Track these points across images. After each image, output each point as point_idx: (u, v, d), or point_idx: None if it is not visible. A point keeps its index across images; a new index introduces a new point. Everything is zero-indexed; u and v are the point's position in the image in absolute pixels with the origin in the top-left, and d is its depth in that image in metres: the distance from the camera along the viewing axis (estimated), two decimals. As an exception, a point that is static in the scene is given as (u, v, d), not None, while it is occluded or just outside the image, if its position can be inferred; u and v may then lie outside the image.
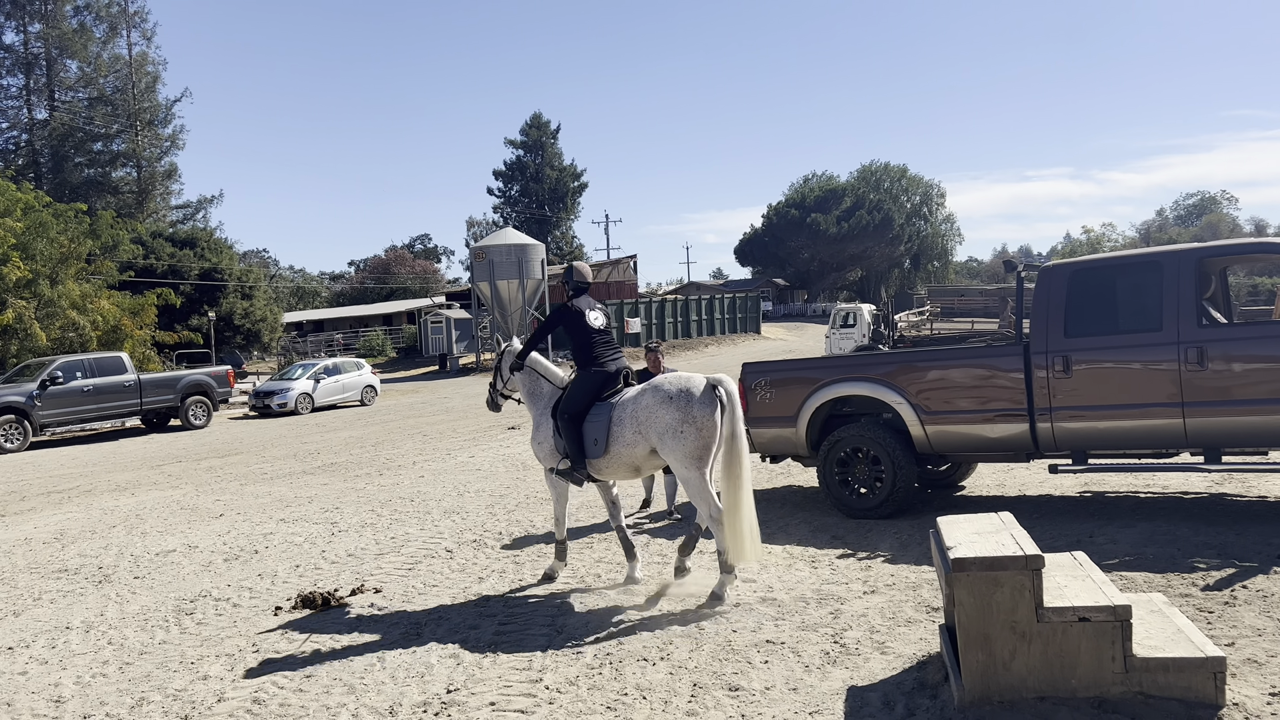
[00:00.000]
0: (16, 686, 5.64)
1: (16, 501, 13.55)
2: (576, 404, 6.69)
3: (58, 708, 5.26)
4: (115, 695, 5.38)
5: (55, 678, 5.75)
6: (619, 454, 6.52)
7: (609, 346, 6.89)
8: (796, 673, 4.98)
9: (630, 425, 6.46)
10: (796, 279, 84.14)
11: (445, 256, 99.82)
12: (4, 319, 24.46)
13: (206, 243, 46.11)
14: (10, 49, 54.90)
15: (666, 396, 6.33)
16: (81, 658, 6.09)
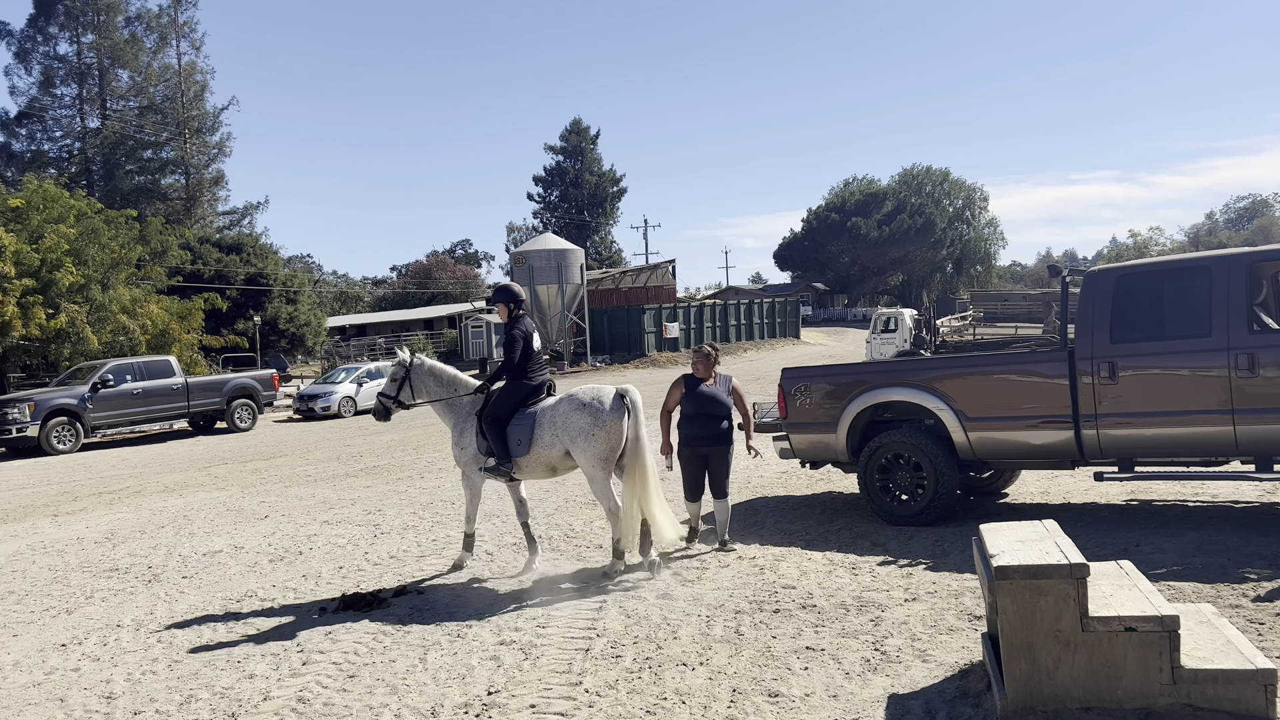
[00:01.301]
0: (70, 683, 5.78)
1: (69, 502, 13.86)
2: (502, 409, 7.47)
3: (109, 704, 5.38)
4: (165, 692, 5.49)
5: (107, 674, 5.88)
6: (539, 454, 7.37)
7: (538, 363, 7.73)
8: (837, 680, 4.96)
9: (549, 429, 7.32)
10: (836, 283, 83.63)
11: (485, 261, 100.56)
12: (57, 323, 25.02)
13: (252, 248, 46.86)
14: (64, 59, 56.25)
15: (581, 404, 7.25)
16: (132, 655, 6.22)
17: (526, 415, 7.44)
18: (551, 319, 41.45)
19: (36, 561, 9.47)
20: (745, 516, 9.26)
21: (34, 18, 55.47)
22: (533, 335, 7.69)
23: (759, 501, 10.08)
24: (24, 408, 20.98)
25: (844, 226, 77.47)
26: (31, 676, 5.94)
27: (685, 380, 8.00)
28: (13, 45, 55.64)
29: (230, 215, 61.70)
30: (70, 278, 25.30)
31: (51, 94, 56.39)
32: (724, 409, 7.87)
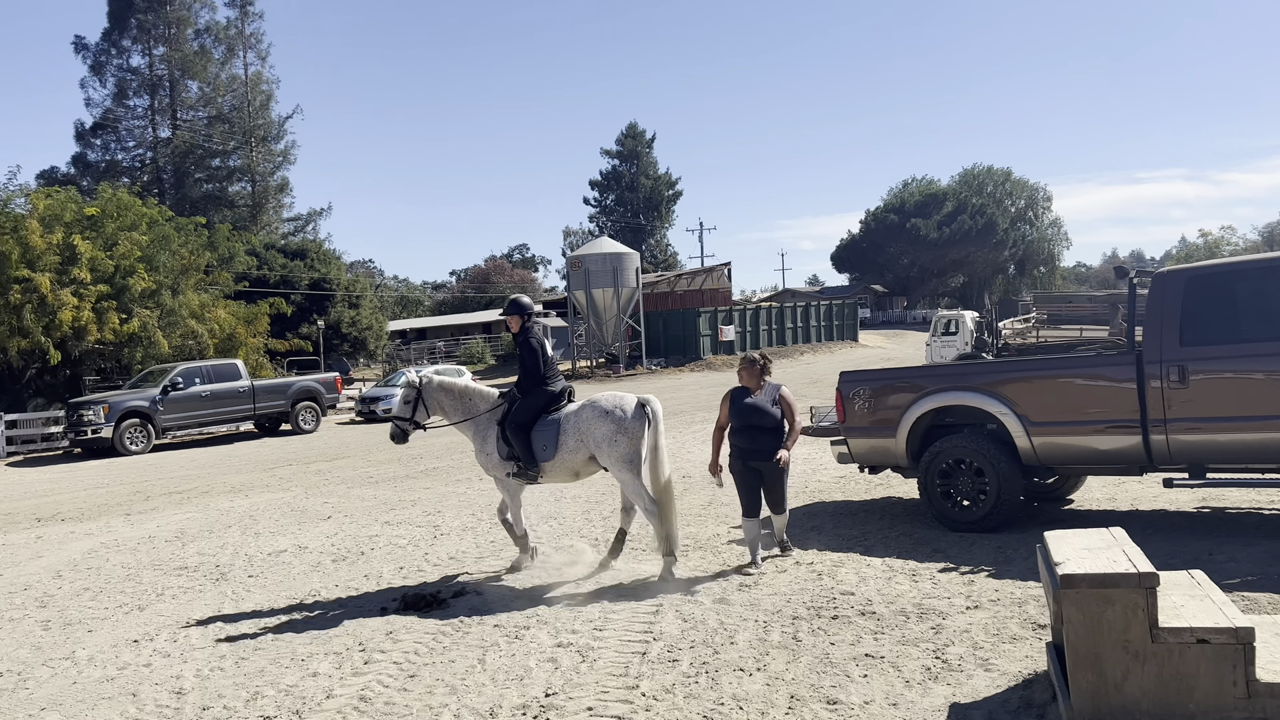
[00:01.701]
0: (141, 678, 5.95)
1: (141, 501, 14.26)
2: (526, 416, 7.70)
3: (179, 699, 5.52)
4: (232, 689, 5.62)
5: (176, 670, 6.03)
6: (564, 459, 7.62)
7: (554, 370, 7.97)
8: (897, 688, 4.90)
9: (574, 435, 7.58)
10: (895, 285, 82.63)
11: (542, 266, 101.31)
12: (130, 327, 25.78)
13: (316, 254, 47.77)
14: (137, 71, 58.02)
15: (604, 411, 7.53)
16: (200, 652, 6.38)
17: (551, 421, 7.67)
18: (607, 322, 41.58)
19: (110, 559, 9.76)
20: (802, 521, 9.20)
21: (108, 31, 57.32)
22: (545, 343, 7.95)
23: (816, 506, 10.00)
24: (99, 409, 21.67)
25: (903, 227, 76.54)
26: (105, 671, 6.12)
27: (733, 393, 7.64)
28: (88, 58, 57.55)
29: (294, 221, 63.03)
30: (142, 283, 26.05)
31: (125, 105, 58.19)
32: (771, 420, 7.47)
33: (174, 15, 56.97)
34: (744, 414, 7.52)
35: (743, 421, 7.51)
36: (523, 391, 7.79)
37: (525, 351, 7.83)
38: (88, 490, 16.20)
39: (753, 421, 7.47)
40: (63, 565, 9.60)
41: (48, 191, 27.80)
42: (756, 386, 7.59)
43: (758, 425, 7.46)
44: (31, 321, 23.65)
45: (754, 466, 7.49)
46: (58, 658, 6.47)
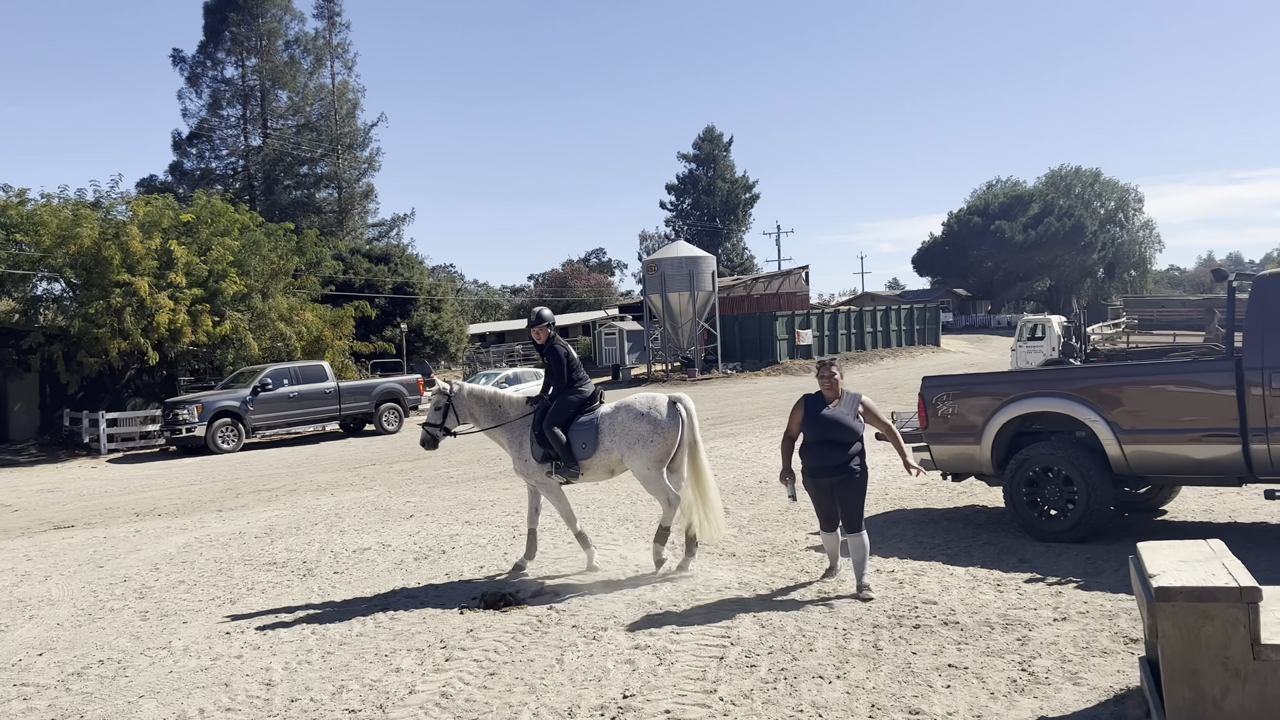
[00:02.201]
0: (233, 669, 6.14)
1: (232, 498, 14.74)
2: (563, 418, 7.93)
3: (269, 690, 5.69)
4: (318, 681, 5.77)
5: (266, 662, 6.22)
6: (601, 458, 7.89)
7: (582, 374, 8.19)
8: (981, 699, 4.79)
9: (609, 435, 7.85)
10: (979, 289, 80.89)
11: (619, 270, 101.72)
12: (222, 329, 26.66)
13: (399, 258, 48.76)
14: (230, 82, 60.00)
15: (640, 413, 7.81)
16: (289, 645, 6.56)
17: (588, 422, 7.95)
18: (682, 326, 41.56)
19: (203, 554, 10.10)
20: (883, 529, 9.06)
21: (204, 44, 59.43)
22: (571, 350, 8.26)
23: (897, 514, 9.84)
24: (192, 409, 22.47)
25: (987, 230, 74.91)
26: (199, 661, 6.34)
27: (806, 401, 6.97)
28: (185, 71, 59.71)
29: (379, 227, 64.43)
30: (234, 287, 26.90)
31: (219, 115, 60.21)
32: (849, 434, 6.75)
33: (265, 27, 58.77)
34: (822, 427, 6.80)
35: (820, 435, 6.80)
36: (555, 396, 8.05)
37: (553, 359, 8.14)
38: (182, 487, 16.80)
39: (831, 436, 6.76)
40: (159, 559, 9.97)
41: (147, 199, 28.90)
42: (836, 396, 6.89)
43: (834, 440, 6.74)
44: (131, 324, 24.61)
45: (824, 484, 6.81)
46: (155, 647, 6.72)
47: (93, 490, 17.45)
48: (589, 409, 8.07)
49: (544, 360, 8.28)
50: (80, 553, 10.60)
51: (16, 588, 8.95)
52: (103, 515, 13.76)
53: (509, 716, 4.99)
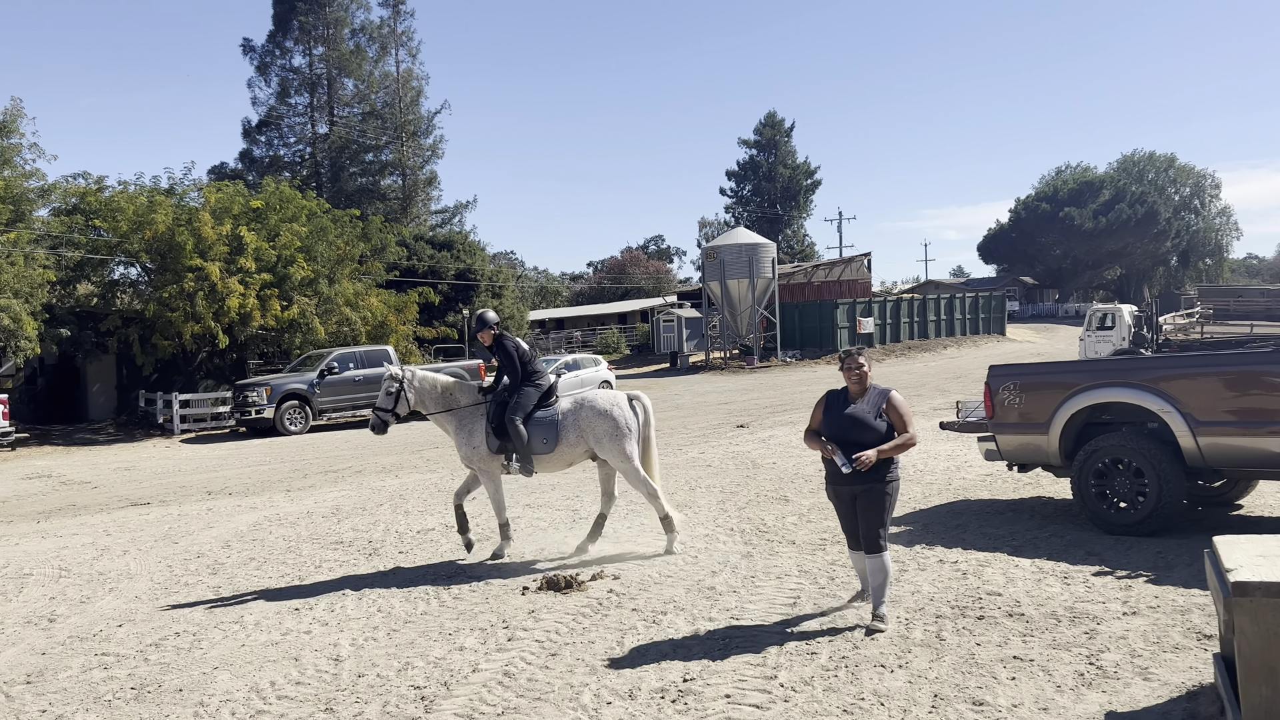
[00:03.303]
0: (303, 644, 6.30)
1: (300, 478, 15.09)
2: (525, 410, 8.17)
3: (337, 665, 5.83)
4: (384, 658, 5.89)
5: (334, 638, 6.37)
6: (563, 453, 8.22)
7: (538, 367, 8.44)
8: (1047, 692, 4.72)
9: (573, 431, 8.16)
10: (1046, 277, 79.11)
11: (677, 257, 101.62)
12: (290, 314, 27.25)
13: (462, 245, 49.26)
14: (298, 71, 61.04)
15: (603, 410, 8.14)
16: (355, 622, 6.72)
17: (548, 417, 8.23)
18: (741, 314, 41.38)
19: (273, 532, 10.36)
20: (947, 519, 8.95)
21: (273, 34, 60.53)
22: (521, 344, 8.49)
23: (961, 504, 9.71)
24: (262, 391, 23.04)
25: (1055, 217, 73.14)
26: (270, 636, 6.52)
27: (828, 397, 6.20)
28: (255, 60, 60.91)
29: (442, 214, 65.12)
30: (302, 272, 27.47)
31: (287, 103, 61.32)
32: (873, 434, 5.88)
33: (332, 16, 59.64)
34: (840, 426, 6.00)
35: (837, 435, 5.99)
36: (513, 388, 8.26)
37: (503, 355, 8.34)
38: (252, 467, 17.24)
39: (850, 436, 5.93)
40: (231, 536, 10.25)
41: (218, 186, 29.60)
42: (861, 391, 6.08)
43: (855, 442, 5.89)
44: (203, 307, 25.28)
45: (844, 492, 6.04)
46: (228, 621, 6.92)
47: (167, 469, 17.99)
48: (547, 403, 8.34)
49: (495, 359, 8.47)
50: (156, 529, 10.95)
51: (97, 561, 9.28)
52: (177, 493, 14.19)
53: (571, 697, 5.05)
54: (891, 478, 5.91)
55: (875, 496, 5.86)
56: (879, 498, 5.86)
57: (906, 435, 5.89)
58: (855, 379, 6.07)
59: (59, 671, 5.99)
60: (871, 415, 5.93)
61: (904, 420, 5.93)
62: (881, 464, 5.83)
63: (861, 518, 5.92)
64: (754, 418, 20.35)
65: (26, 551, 9.98)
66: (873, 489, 5.87)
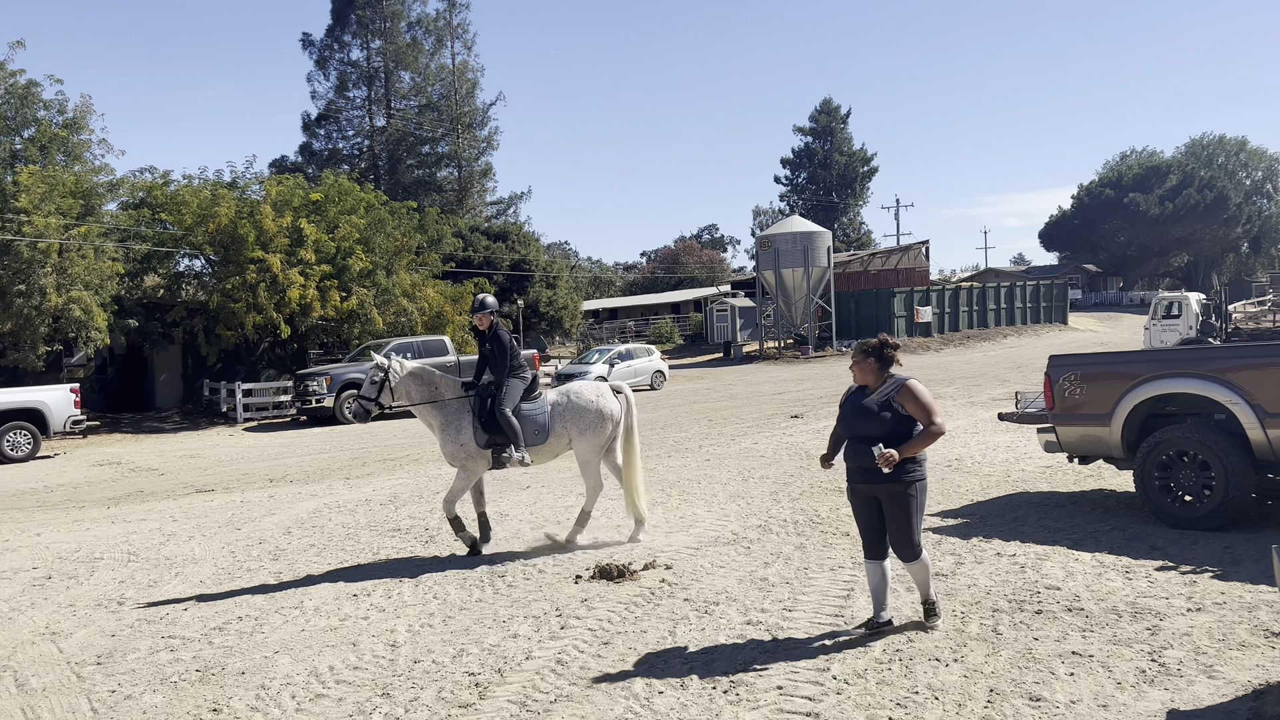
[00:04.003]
0: (360, 630, 6.42)
1: (358, 466, 15.35)
2: (514, 402, 8.17)
3: (394, 651, 5.93)
4: (440, 644, 5.98)
5: (391, 624, 6.48)
6: (552, 444, 8.32)
7: (521, 359, 8.38)
8: (1107, 689, 4.63)
9: (560, 421, 8.31)
10: (1110, 265, 77.29)
11: (731, 246, 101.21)
12: (349, 305, 27.71)
13: (516, 236, 49.62)
14: (356, 64, 61.91)
15: (590, 401, 8.36)
16: (412, 608, 6.82)
17: (537, 409, 8.28)
18: (796, 303, 41.08)
19: (332, 519, 10.56)
20: (1004, 512, 8.82)
21: (331, 28, 61.46)
22: (511, 336, 8.46)
23: (1020, 497, 9.55)
24: (322, 381, 23.48)
25: (1120, 203, 71.36)
26: (328, 621, 6.65)
27: (848, 391, 5.78)
28: (314, 54, 61.90)
29: (497, 205, 65.62)
30: (360, 264, 27.90)
31: (345, 97, 62.25)
32: (876, 427, 5.42)
33: (389, 9, 60.35)
34: (846, 419, 5.64)
35: (845, 430, 5.65)
36: (499, 381, 8.18)
37: (497, 345, 8.23)
38: (312, 455, 17.58)
39: (855, 429, 5.55)
40: (291, 523, 10.47)
41: (279, 178, 30.19)
42: (875, 383, 5.58)
43: (861, 434, 5.50)
44: (265, 299, 25.82)
45: (863, 491, 5.59)
46: (288, 606, 7.08)
47: (230, 456, 18.43)
48: (532, 396, 8.36)
49: (486, 347, 8.38)
50: (220, 515, 11.23)
51: (164, 546, 9.55)
52: (239, 480, 14.53)
53: (622, 685, 5.07)
54: (913, 477, 5.41)
55: (897, 499, 5.41)
56: (902, 500, 5.40)
57: (932, 427, 5.38)
58: (863, 370, 5.57)
59: (128, 653, 6.18)
60: (878, 406, 5.46)
61: (923, 410, 5.39)
62: (902, 464, 5.34)
63: (890, 524, 5.49)
64: (808, 408, 20.21)
65: (97, 536, 10.30)
66: (892, 491, 5.41)
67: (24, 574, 8.64)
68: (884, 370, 5.55)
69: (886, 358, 5.55)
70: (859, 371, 5.59)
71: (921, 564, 5.52)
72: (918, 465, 5.46)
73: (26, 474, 17.06)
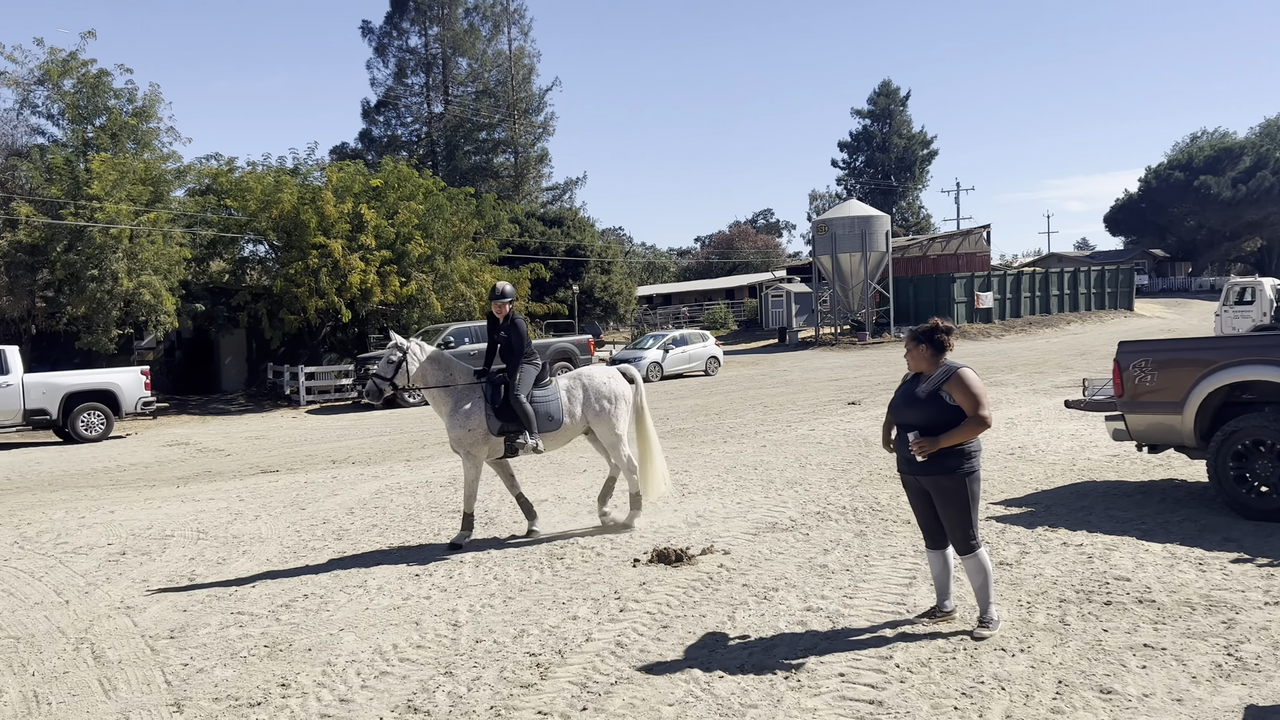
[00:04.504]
0: (423, 609, 6.51)
1: (418, 449, 15.55)
2: (528, 388, 8.22)
3: (455, 630, 6.00)
4: (500, 625, 6.04)
5: (452, 604, 6.56)
6: (567, 429, 8.37)
7: (532, 347, 8.40)
8: (1181, 683, 4.51)
9: (575, 405, 8.35)
10: (1178, 250, 75.19)
11: (786, 230, 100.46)
12: (408, 290, 28.04)
13: (572, 221, 49.80)
14: (415, 51, 62.51)
15: (603, 384, 8.47)
16: (473, 589, 6.90)
17: (550, 395, 8.31)
18: (853, 288, 40.63)
19: (393, 500, 10.72)
20: (1070, 501, 8.64)
21: (390, 15, 62.12)
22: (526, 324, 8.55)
23: (1087, 486, 9.35)
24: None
25: (1190, 186, 69.33)
26: (391, 600, 6.75)
27: (904, 378, 5.63)
28: (373, 41, 62.63)
29: (552, 190, 65.95)
30: (419, 249, 28.21)
31: (404, 83, 62.93)
32: (920, 415, 5.26)
33: (446, -4, 60.82)
34: (893, 407, 5.52)
35: (894, 417, 5.52)
36: (512, 369, 8.20)
37: (514, 333, 8.27)
38: (373, 437, 17.86)
39: (901, 418, 5.41)
40: (354, 503, 10.65)
41: (340, 165, 30.62)
42: (930, 369, 5.36)
43: (905, 423, 5.37)
44: (327, 283, 26.25)
45: (912, 483, 5.49)
46: (352, 585, 7.20)
47: (294, 438, 18.80)
48: (543, 382, 8.39)
49: (500, 334, 8.39)
50: (285, 495, 11.46)
51: (231, 525, 9.78)
52: (303, 461, 14.82)
53: (682, 669, 5.07)
54: (962, 470, 5.17)
55: (946, 493, 5.22)
56: (951, 495, 5.21)
57: (976, 417, 5.11)
58: (916, 357, 5.38)
59: (199, 628, 6.34)
60: (925, 394, 5.26)
61: (970, 400, 5.14)
62: (948, 455, 5.16)
63: (942, 517, 5.32)
64: (866, 395, 20.00)
65: (168, 514, 10.58)
66: (939, 484, 5.23)
67: (99, 550, 8.91)
68: (937, 356, 5.33)
69: (939, 343, 5.32)
70: (912, 358, 5.41)
71: (978, 561, 5.27)
72: (967, 458, 5.20)
73: (100, 453, 17.59)
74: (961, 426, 5.14)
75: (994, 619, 5.33)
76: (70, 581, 7.80)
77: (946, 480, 5.21)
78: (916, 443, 5.15)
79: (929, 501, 5.41)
